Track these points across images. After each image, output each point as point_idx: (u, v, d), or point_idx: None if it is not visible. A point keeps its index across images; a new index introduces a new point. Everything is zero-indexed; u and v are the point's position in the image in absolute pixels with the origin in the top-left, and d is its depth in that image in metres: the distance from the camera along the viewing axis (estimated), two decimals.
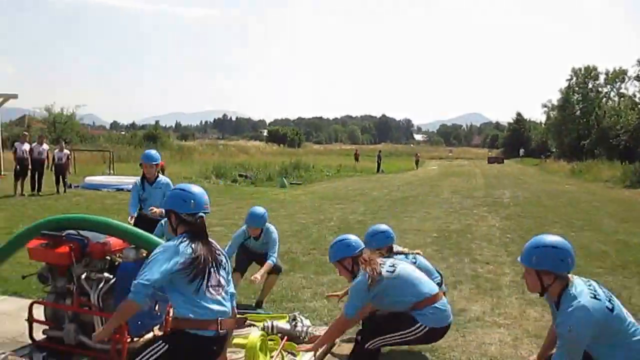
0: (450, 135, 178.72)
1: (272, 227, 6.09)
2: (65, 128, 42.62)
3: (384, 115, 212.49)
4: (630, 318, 3.09)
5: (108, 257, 4.61)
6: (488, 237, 11.13)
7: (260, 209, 6.01)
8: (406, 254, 5.09)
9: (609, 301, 3.04)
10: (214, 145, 61.36)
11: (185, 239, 3.37)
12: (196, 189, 3.56)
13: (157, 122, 71.25)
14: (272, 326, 4.91)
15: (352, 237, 4.43)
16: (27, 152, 16.69)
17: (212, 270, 3.37)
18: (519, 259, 3.30)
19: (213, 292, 3.34)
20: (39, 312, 4.69)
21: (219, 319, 3.29)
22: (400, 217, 14.03)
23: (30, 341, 4.53)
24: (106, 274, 4.47)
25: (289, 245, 9.74)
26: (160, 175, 6.91)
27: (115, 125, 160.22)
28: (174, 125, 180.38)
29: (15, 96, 24.58)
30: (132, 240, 4.63)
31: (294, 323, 5.00)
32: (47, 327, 4.59)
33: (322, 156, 55.79)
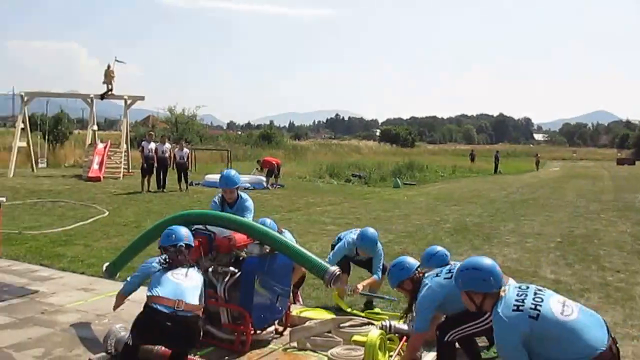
0: (574, 135, 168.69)
1: (379, 245, 6.07)
2: (187, 128, 44.47)
3: (501, 114, 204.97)
4: (570, 316, 3.13)
5: (234, 252, 4.81)
6: (618, 244, 10.44)
7: (374, 234, 5.95)
8: None
9: (535, 309, 3.14)
10: (326, 144, 62.14)
11: (164, 258, 4.32)
12: (181, 229, 4.54)
13: (271, 122, 73.16)
14: (390, 326, 4.88)
15: (408, 259, 4.54)
16: (153, 151, 17.69)
17: (178, 268, 4.18)
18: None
19: (174, 275, 4.10)
20: None
21: (178, 299, 3.92)
22: (520, 220, 13.50)
23: None
24: (232, 268, 4.66)
25: (405, 246, 9.66)
26: (241, 194, 6.10)
27: (231, 125, 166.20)
28: (287, 125, 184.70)
29: (142, 98, 26.26)
30: (256, 236, 4.80)
31: (412, 324, 4.94)
32: None
33: (436, 156, 54.90)
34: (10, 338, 4.86)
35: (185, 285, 4.07)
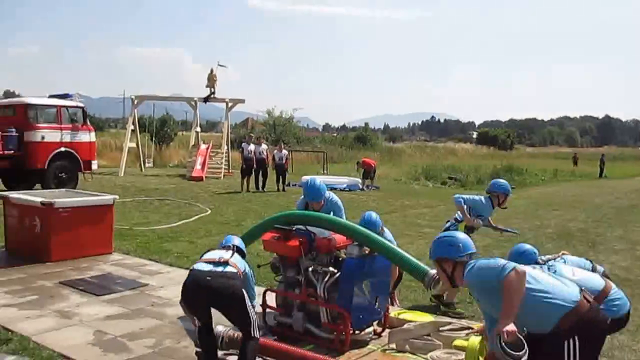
0: None
1: None
2: (284, 130, 45.27)
3: (606, 116, 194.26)
4: (541, 274, 3.27)
5: (333, 252, 4.89)
6: None
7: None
8: (554, 259, 4.72)
9: (507, 262, 3.21)
10: (422, 147, 61.34)
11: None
12: (234, 238, 4.55)
13: (366, 124, 72.84)
14: None
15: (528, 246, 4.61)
16: (253, 152, 18.22)
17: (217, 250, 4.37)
18: None
19: (215, 250, 4.34)
20: (270, 299, 5.13)
21: (220, 257, 4.16)
22: (628, 226, 12.77)
23: (263, 325, 4.94)
24: (331, 268, 4.74)
25: (504, 251, 9.27)
26: (327, 194, 5.66)
27: (327, 127, 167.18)
28: (382, 127, 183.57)
29: (242, 101, 27.07)
30: (356, 237, 4.85)
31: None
32: (278, 313, 4.99)
33: (535, 159, 52.74)
34: (124, 328, 5.20)
35: (225, 254, 4.21)
